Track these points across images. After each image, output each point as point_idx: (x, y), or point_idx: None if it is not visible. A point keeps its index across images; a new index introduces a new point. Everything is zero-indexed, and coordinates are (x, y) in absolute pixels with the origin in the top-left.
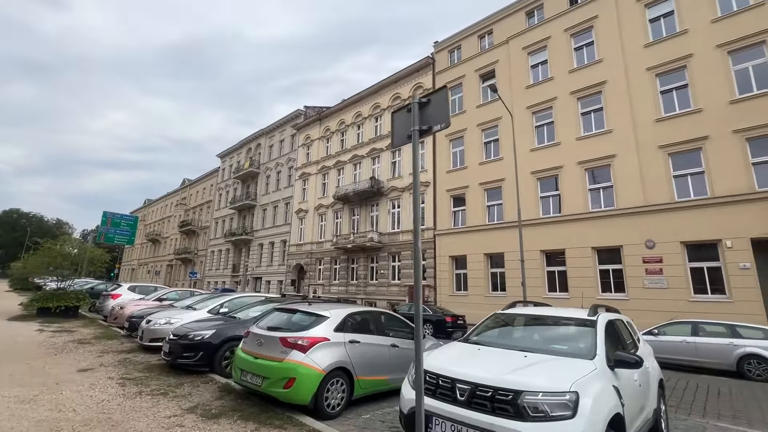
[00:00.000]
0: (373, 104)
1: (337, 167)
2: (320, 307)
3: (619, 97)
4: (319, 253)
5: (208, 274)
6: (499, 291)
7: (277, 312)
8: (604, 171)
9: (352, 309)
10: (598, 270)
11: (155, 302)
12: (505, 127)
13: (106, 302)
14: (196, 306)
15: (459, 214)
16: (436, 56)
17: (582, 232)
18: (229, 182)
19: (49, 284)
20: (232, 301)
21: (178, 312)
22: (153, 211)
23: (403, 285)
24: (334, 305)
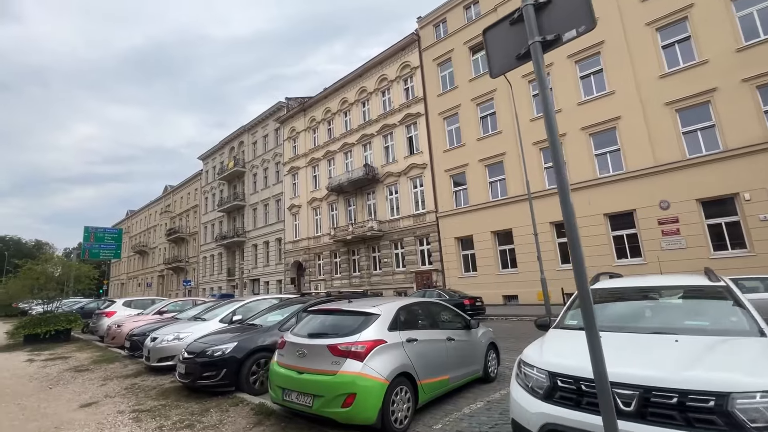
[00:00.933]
0: (359, 89)
1: (327, 158)
2: (363, 303)
3: (619, 57)
4: (317, 248)
5: (203, 280)
6: (510, 268)
7: (312, 315)
8: (610, 134)
9: (400, 302)
10: (611, 237)
11: (155, 316)
12: (501, 100)
13: (101, 321)
14: (205, 316)
15: (461, 194)
16: (420, 32)
17: (592, 199)
18: (214, 185)
19: (34, 308)
20: (244, 307)
21: (186, 325)
22: (136, 222)
23: (408, 272)
24: (377, 300)
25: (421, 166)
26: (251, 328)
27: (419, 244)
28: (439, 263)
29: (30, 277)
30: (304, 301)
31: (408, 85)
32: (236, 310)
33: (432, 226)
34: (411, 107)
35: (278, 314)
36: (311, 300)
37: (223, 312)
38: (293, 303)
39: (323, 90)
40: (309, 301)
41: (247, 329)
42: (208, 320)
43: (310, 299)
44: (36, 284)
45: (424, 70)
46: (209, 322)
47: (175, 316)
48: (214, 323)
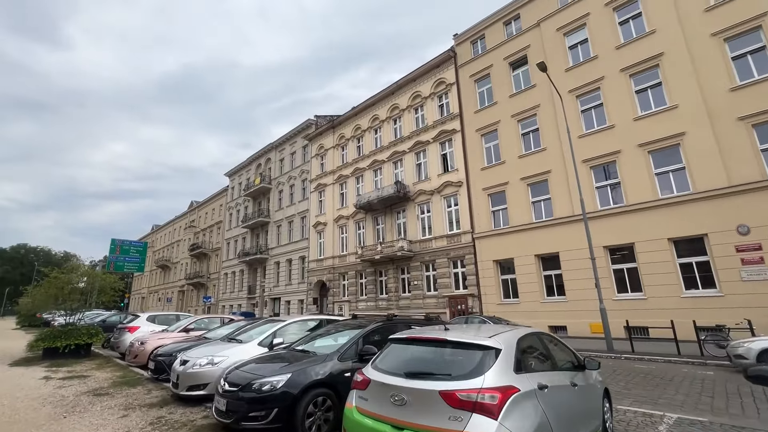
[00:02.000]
0: (391, 106)
1: (356, 175)
2: (467, 332)
3: (682, 69)
4: (342, 268)
5: (222, 297)
6: (556, 296)
7: (401, 345)
8: (673, 152)
9: (516, 331)
10: (677, 264)
11: (181, 334)
12: (545, 116)
13: (123, 336)
14: (241, 337)
15: (500, 214)
16: (457, 48)
17: (653, 223)
18: (239, 200)
19: (57, 319)
20: (286, 328)
21: (219, 347)
22: (161, 237)
23: (441, 296)
24: (478, 329)
25: (456, 184)
26: (302, 356)
27: (453, 267)
28: (475, 287)
29: (55, 287)
30: (361, 324)
31: (443, 101)
32: (277, 332)
33: (468, 247)
34: (446, 124)
35: (330, 339)
36: (372, 324)
37: (261, 334)
38: (348, 326)
39: (353, 108)
40: (369, 326)
41: (298, 357)
42: (244, 342)
43: (367, 322)
44: (60, 294)
45: (460, 87)
46: (247, 345)
47: (204, 336)
48: (253, 347)
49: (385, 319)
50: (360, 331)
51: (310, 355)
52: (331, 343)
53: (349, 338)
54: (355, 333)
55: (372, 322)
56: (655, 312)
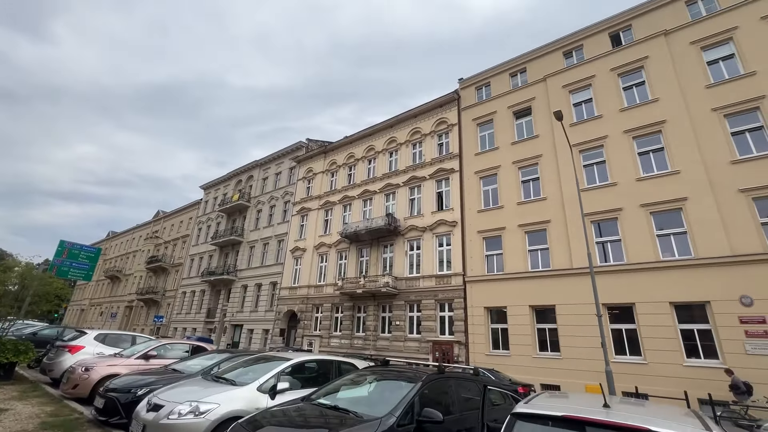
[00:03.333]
0: (388, 138)
1: (344, 203)
2: (657, 414)
3: (684, 138)
4: (317, 299)
5: (176, 318)
6: (549, 351)
7: (541, 427)
8: (674, 215)
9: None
10: (678, 329)
11: (138, 361)
12: (547, 166)
13: (60, 357)
14: (231, 376)
15: (494, 259)
16: (461, 92)
17: (654, 284)
18: (212, 215)
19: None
20: (292, 368)
21: (204, 388)
22: (116, 245)
23: (424, 340)
24: (648, 406)
25: (450, 223)
26: (336, 417)
27: (440, 310)
28: (462, 334)
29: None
30: (404, 374)
31: (443, 140)
32: (280, 375)
33: (458, 290)
34: (444, 162)
35: (358, 390)
36: (425, 375)
37: (262, 374)
38: (380, 374)
39: (347, 136)
40: (422, 377)
41: (331, 419)
42: (239, 385)
43: (407, 369)
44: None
45: (462, 128)
46: (243, 389)
47: (172, 367)
48: (251, 392)
49: (436, 370)
50: (414, 386)
51: (349, 417)
52: (361, 395)
53: (395, 394)
54: (405, 387)
55: (414, 371)
56: (657, 379)
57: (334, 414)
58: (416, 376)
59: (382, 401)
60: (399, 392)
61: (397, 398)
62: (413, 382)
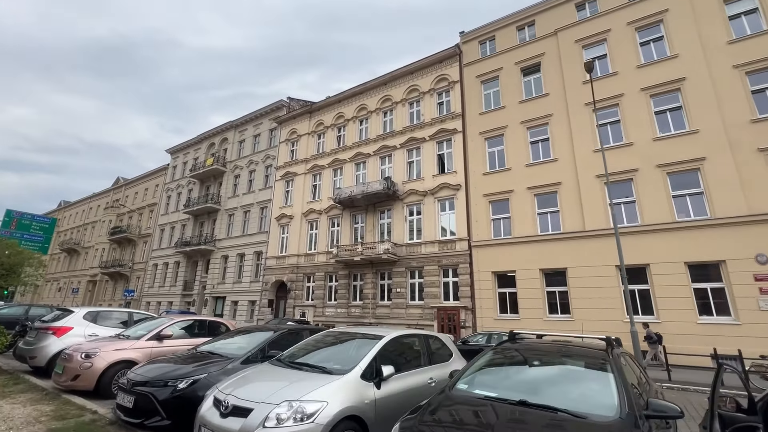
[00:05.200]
0: (383, 97)
1: (334, 166)
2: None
3: (703, 96)
4: (308, 268)
5: (149, 292)
6: (560, 313)
7: None
8: (691, 176)
9: None
10: (692, 288)
11: (150, 342)
12: (559, 126)
13: (44, 342)
14: (324, 364)
15: (501, 223)
16: (463, 47)
17: (669, 245)
18: (182, 182)
19: None
20: (394, 343)
21: (284, 377)
22: (70, 216)
23: (428, 306)
24: None
25: (454, 186)
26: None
27: (444, 275)
28: (469, 300)
29: None
30: (577, 349)
31: (443, 99)
32: (377, 356)
33: (463, 255)
34: (446, 122)
35: (530, 372)
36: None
37: (357, 358)
38: (559, 353)
39: (336, 94)
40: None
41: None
42: (336, 374)
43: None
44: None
45: (464, 86)
46: (342, 378)
47: (207, 350)
48: (354, 381)
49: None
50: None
51: (554, 415)
52: (543, 381)
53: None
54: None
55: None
56: (671, 337)
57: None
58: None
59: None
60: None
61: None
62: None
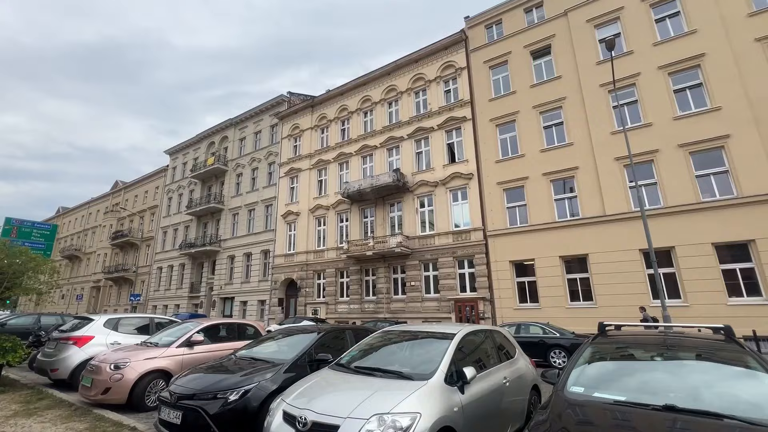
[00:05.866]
0: (387, 87)
1: (340, 161)
2: None
3: (725, 72)
4: (318, 265)
5: (155, 295)
6: (582, 301)
7: None
8: (715, 154)
9: None
10: (720, 270)
11: (181, 350)
12: (573, 109)
13: (65, 353)
14: (399, 368)
15: (517, 211)
16: (469, 32)
17: (695, 227)
18: (183, 183)
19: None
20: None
21: (358, 385)
22: (70, 222)
23: (444, 299)
24: None
25: (465, 176)
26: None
27: (459, 267)
28: (486, 290)
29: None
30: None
31: (450, 86)
32: (459, 361)
33: (478, 245)
34: (454, 111)
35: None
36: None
37: (434, 359)
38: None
39: (339, 86)
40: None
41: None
42: (416, 379)
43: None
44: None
45: (471, 72)
46: (426, 384)
47: (250, 356)
48: (438, 387)
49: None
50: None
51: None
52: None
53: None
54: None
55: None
56: (699, 320)
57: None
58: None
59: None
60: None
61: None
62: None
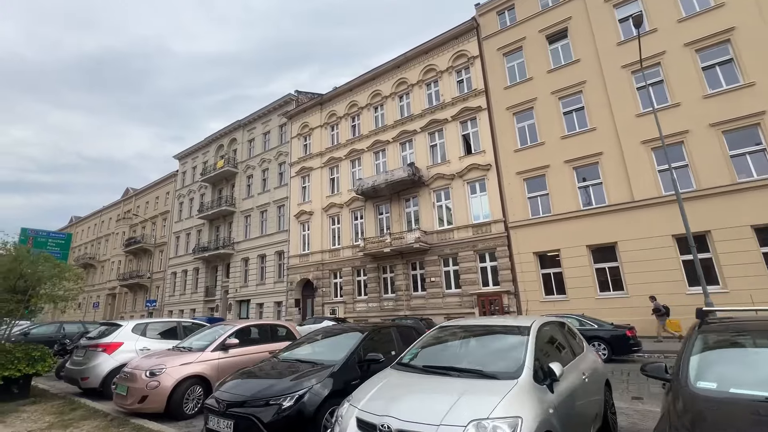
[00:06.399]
0: (398, 80)
1: (351, 157)
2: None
3: (757, 45)
4: (334, 264)
5: (170, 300)
6: (612, 290)
7: None
8: (750, 132)
9: None
10: (762, 254)
11: (216, 353)
12: (594, 93)
13: (95, 360)
14: (479, 366)
15: (539, 201)
16: (480, 19)
17: (731, 209)
18: (193, 187)
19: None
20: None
21: (438, 387)
22: (83, 231)
23: (466, 294)
24: None
25: (483, 167)
26: None
27: (480, 261)
28: (510, 284)
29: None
30: None
31: (463, 76)
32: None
33: (500, 238)
34: (468, 101)
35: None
36: None
37: (515, 356)
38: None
39: (348, 82)
40: None
41: None
42: (501, 378)
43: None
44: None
45: (485, 60)
46: (517, 384)
47: (295, 358)
48: (529, 386)
49: None
50: None
51: None
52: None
53: None
54: None
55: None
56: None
57: None
58: None
59: None
60: None
61: None
62: None
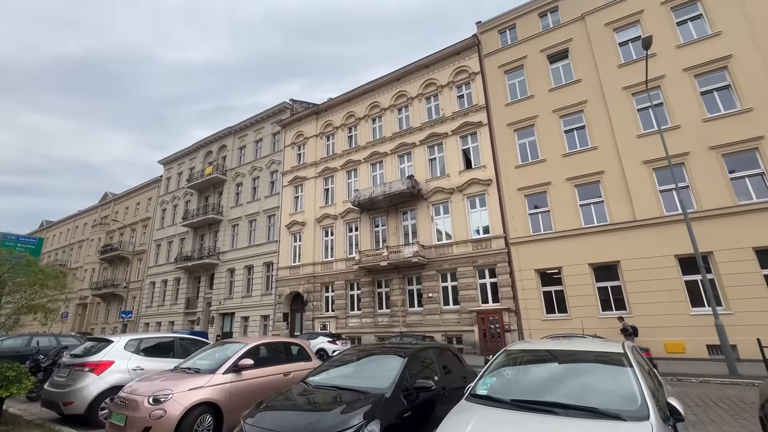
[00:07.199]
0: (397, 93)
1: (347, 168)
2: None
3: (754, 72)
4: (326, 277)
5: (147, 312)
6: (615, 309)
7: None
8: (748, 156)
9: None
10: (763, 276)
11: (228, 376)
12: (595, 112)
13: (80, 382)
14: (575, 399)
15: (540, 217)
16: (481, 37)
17: (732, 230)
18: (178, 194)
19: None
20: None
21: (520, 422)
22: (54, 236)
23: (465, 311)
24: None
25: (484, 182)
26: None
27: (480, 277)
28: (510, 301)
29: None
30: None
31: (463, 92)
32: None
33: (500, 254)
34: (469, 116)
35: None
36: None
37: (623, 390)
38: None
39: (345, 93)
40: None
41: None
42: (613, 418)
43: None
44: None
45: (486, 77)
46: (639, 426)
47: (332, 384)
48: (657, 428)
49: None
50: None
51: None
52: None
53: None
54: None
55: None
56: (744, 329)
57: None
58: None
59: None
60: None
61: None
62: None
